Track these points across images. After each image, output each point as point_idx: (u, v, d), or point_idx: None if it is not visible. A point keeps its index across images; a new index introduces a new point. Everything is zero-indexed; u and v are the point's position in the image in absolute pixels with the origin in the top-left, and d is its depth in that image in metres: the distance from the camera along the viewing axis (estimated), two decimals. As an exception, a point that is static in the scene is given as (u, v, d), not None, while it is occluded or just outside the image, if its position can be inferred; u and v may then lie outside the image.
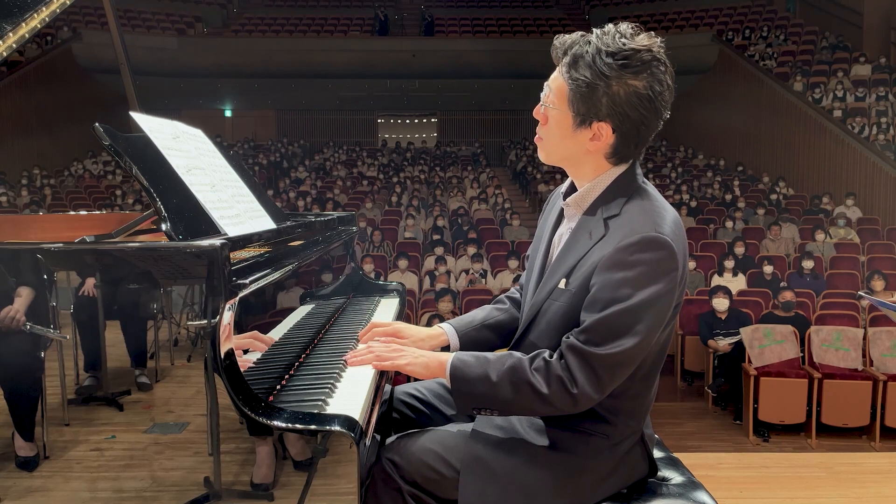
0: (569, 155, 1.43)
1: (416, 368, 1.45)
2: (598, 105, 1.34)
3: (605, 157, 1.41)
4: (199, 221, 1.51)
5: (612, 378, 1.32)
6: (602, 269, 1.32)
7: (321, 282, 2.09)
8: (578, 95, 1.35)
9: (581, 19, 19.87)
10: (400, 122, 21.07)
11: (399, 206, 12.12)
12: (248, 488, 1.21)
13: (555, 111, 1.40)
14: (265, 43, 17.63)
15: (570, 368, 1.31)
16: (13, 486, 1.25)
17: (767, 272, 7.79)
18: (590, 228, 1.39)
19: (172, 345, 1.26)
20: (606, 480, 1.42)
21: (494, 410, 1.38)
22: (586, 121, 1.36)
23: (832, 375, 5.39)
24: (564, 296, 1.39)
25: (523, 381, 1.33)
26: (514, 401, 1.35)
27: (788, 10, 17.20)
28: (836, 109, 12.99)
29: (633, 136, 1.37)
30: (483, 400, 1.37)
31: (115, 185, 13.18)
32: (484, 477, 1.40)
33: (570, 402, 1.31)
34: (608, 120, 1.35)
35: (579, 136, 1.38)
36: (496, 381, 1.35)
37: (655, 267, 1.29)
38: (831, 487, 3.28)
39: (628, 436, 1.43)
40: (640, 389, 1.43)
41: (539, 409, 1.35)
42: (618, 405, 1.40)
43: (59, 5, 1.98)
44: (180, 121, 1.77)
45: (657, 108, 1.35)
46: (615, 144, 1.38)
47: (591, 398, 1.31)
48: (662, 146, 17.08)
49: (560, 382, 1.31)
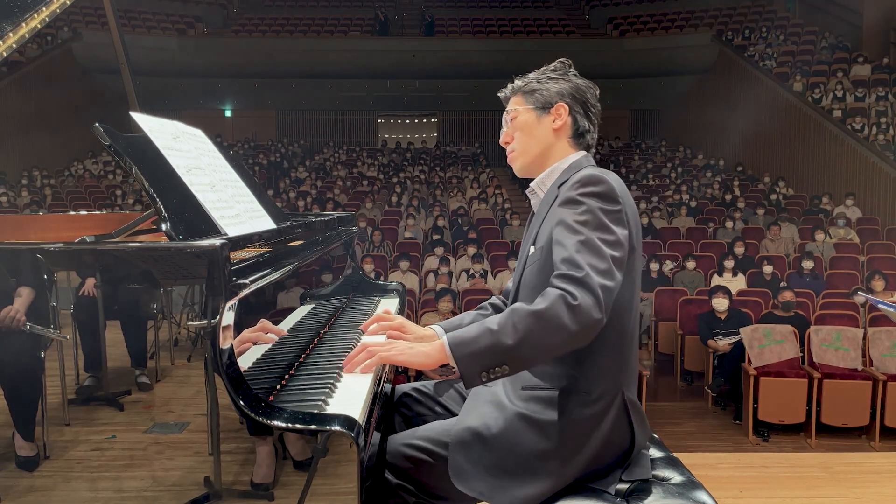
0: (541, 149, 1.62)
1: (415, 359, 1.46)
2: (549, 91, 1.61)
3: (569, 139, 1.62)
4: (200, 221, 1.51)
5: (603, 295, 1.34)
6: (558, 215, 1.46)
7: (321, 282, 2.09)
8: (530, 94, 1.62)
9: (581, 19, 19.87)
10: (400, 122, 21.07)
11: (399, 206, 12.12)
12: (248, 488, 1.22)
13: (518, 118, 1.63)
14: (265, 43, 17.62)
15: (565, 287, 1.34)
16: (13, 485, 1.25)
17: (767, 272, 7.79)
18: (547, 199, 1.58)
19: (173, 345, 1.26)
20: (590, 437, 1.44)
21: (504, 365, 1.36)
22: (546, 106, 1.61)
23: (832, 375, 5.39)
24: (535, 256, 1.53)
25: (525, 314, 1.35)
26: (523, 338, 1.34)
27: (788, 10, 17.18)
28: (836, 109, 12.98)
29: (584, 113, 1.62)
30: (489, 355, 1.35)
31: (115, 185, 13.18)
32: (472, 447, 1.44)
33: (571, 313, 1.32)
34: (562, 99, 1.60)
35: (545, 124, 1.61)
36: (498, 329, 1.35)
37: (601, 198, 1.44)
38: (831, 487, 3.29)
39: (606, 393, 1.46)
40: (614, 348, 1.47)
41: (547, 334, 1.33)
42: (594, 363, 1.46)
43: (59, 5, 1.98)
44: (180, 121, 1.77)
45: (588, 95, 1.63)
46: (574, 124, 1.61)
47: (591, 312, 1.32)
48: (662, 146, 17.09)
49: (561, 298, 1.33)
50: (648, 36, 17.32)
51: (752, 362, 5.53)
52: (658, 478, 1.56)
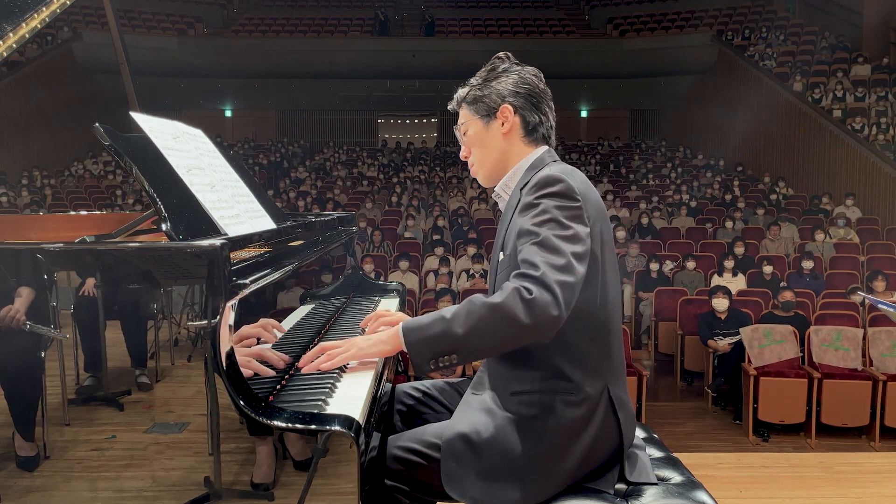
0: (497, 156, 1.62)
1: (374, 349, 1.47)
2: (490, 96, 1.61)
3: (522, 139, 1.61)
4: (200, 221, 1.51)
5: (561, 291, 1.31)
6: (518, 221, 1.46)
7: (321, 282, 2.09)
8: (474, 103, 1.63)
9: (581, 19, 19.87)
10: (400, 122, 21.06)
11: (399, 206, 12.12)
12: (248, 488, 1.22)
13: (469, 130, 1.64)
14: (265, 43, 17.62)
15: (521, 283, 1.33)
16: (13, 485, 1.25)
17: (767, 272, 7.79)
18: (511, 203, 1.57)
19: (173, 345, 1.26)
20: (580, 438, 1.44)
21: (453, 353, 1.36)
22: (490, 112, 1.60)
23: (832, 375, 5.39)
24: (504, 263, 1.51)
25: (479, 304, 1.34)
26: (471, 329, 1.33)
27: (788, 10, 17.18)
28: (836, 109, 12.97)
29: (531, 107, 1.60)
30: (440, 342, 1.35)
31: (116, 185, 13.18)
32: (464, 453, 1.44)
33: (526, 308, 1.30)
34: (505, 101, 1.59)
35: (493, 130, 1.61)
36: (451, 318, 1.35)
37: (557, 197, 1.43)
38: (831, 487, 3.29)
39: (592, 393, 1.45)
40: (594, 342, 1.47)
41: (497, 326, 1.32)
42: (576, 357, 1.45)
43: (59, 5, 1.98)
44: (180, 121, 1.77)
45: (535, 84, 1.61)
46: (521, 121, 1.60)
47: (547, 307, 1.30)
48: (662, 146, 17.09)
49: (515, 291, 1.32)
50: (648, 36, 17.32)
51: (752, 362, 5.53)
52: (658, 478, 1.57)
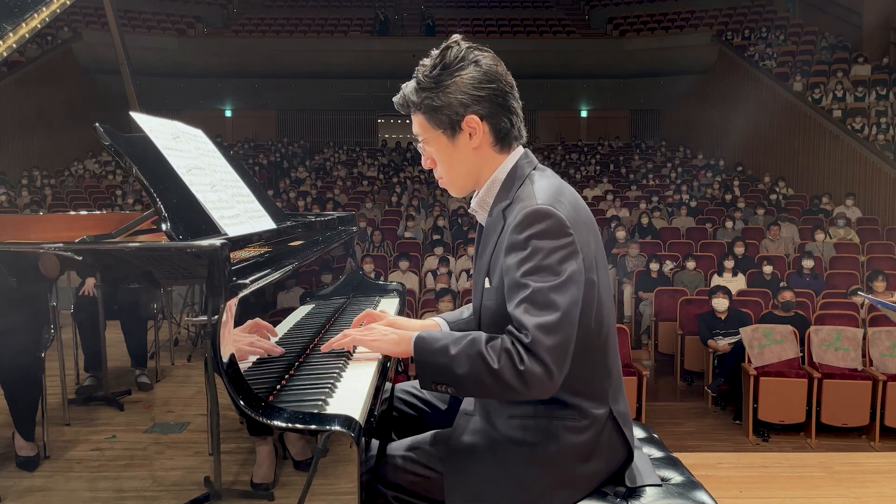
0: (468, 169, 1.48)
1: (384, 345, 1.49)
2: (451, 106, 1.42)
3: (493, 148, 1.46)
4: (200, 221, 1.51)
5: (553, 358, 1.29)
6: (505, 257, 1.37)
7: (321, 282, 2.09)
8: (432, 113, 1.44)
9: (581, 19, 19.87)
10: (400, 122, 21.04)
11: (399, 206, 12.12)
12: (248, 488, 1.22)
13: (430, 145, 1.48)
14: (265, 43, 17.62)
15: (515, 349, 1.31)
16: (13, 485, 1.25)
17: (767, 272, 7.79)
18: (494, 225, 1.45)
19: (173, 345, 1.26)
20: (588, 462, 1.43)
21: (451, 387, 1.37)
22: (454, 125, 1.43)
23: (832, 375, 5.39)
24: (491, 293, 1.43)
25: (477, 353, 1.33)
26: (468, 374, 1.33)
27: (788, 10, 17.18)
28: (836, 109, 12.97)
29: (499, 110, 1.44)
30: (441, 373, 1.37)
31: (116, 185, 13.18)
32: (468, 476, 1.42)
33: (519, 379, 1.29)
34: (469, 111, 1.42)
35: (460, 144, 1.45)
36: (455, 354, 1.35)
37: (546, 237, 1.33)
38: (831, 487, 3.29)
39: (597, 416, 1.43)
40: (594, 369, 1.44)
41: (490, 385, 1.32)
42: (576, 389, 1.41)
43: (59, 5, 1.98)
44: (180, 121, 1.77)
45: (498, 76, 1.43)
46: (491, 129, 1.44)
47: (541, 379, 1.29)
48: (662, 146, 17.08)
49: (509, 357, 1.30)
50: (648, 36, 17.32)
51: (752, 362, 5.53)
52: (658, 478, 1.56)
